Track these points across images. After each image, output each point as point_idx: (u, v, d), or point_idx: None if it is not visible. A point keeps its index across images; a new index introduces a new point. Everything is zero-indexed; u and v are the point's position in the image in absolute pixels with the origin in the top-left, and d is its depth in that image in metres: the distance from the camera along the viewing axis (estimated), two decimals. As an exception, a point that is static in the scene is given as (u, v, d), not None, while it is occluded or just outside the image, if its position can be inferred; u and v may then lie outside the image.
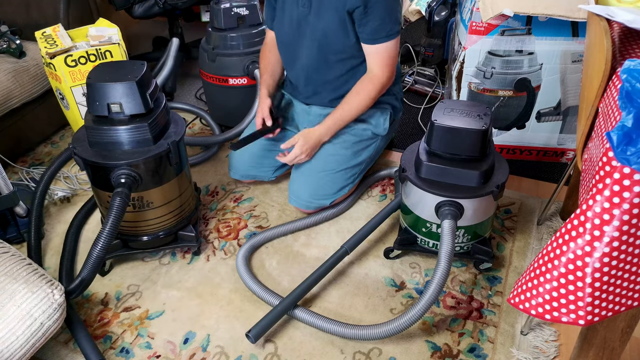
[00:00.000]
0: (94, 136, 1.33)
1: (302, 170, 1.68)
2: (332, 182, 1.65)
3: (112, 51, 1.84)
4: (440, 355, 1.28)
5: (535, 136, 1.87)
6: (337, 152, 1.66)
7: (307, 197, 1.64)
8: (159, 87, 1.44)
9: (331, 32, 1.54)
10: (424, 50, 2.42)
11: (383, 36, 1.51)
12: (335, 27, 1.52)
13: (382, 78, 1.57)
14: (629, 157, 0.72)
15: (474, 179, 1.32)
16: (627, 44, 0.95)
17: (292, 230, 1.64)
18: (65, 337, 1.35)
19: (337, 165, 1.65)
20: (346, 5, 1.47)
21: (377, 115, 1.72)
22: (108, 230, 1.24)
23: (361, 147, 1.70)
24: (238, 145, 1.64)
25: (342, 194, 1.69)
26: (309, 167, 1.66)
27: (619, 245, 0.78)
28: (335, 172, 1.65)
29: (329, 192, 1.65)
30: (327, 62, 1.61)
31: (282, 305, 1.33)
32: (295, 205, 1.69)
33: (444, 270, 1.23)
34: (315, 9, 1.53)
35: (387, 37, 1.51)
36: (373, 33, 1.50)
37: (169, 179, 1.42)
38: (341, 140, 1.67)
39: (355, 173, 1.71)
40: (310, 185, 1.64)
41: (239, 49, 1.97)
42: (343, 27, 1.52)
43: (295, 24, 1.60)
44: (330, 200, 1.66)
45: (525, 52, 1.69)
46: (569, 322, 0.86)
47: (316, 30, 1.55)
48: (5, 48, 2.00)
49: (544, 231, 1.62)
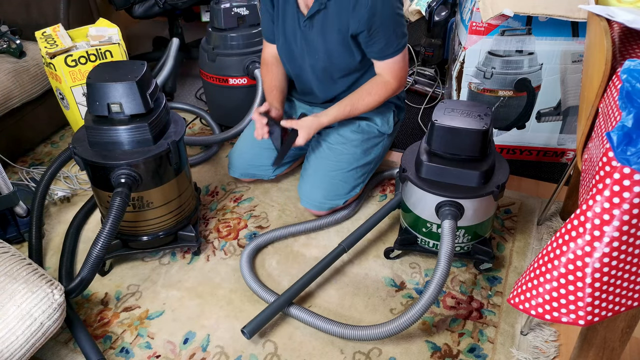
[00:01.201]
0: (94, 136, 1.33)
1: (314, 171, 1.67)
2: (344, 182, 1.65)
3: (112, 51, 1.84)
4: (440, 355, 1.28)
5: (536, 136, 1.87)
6: (348, 150, 1.66)
7: (320, 198, 1.64)
8: (159, 87, 1.44)
9: (335, 52, 1.53)
10: (424, 50, 2.41)
11: (391, 53, 1.51)
12: (340, 48, 1.52)
13: (394, 85, 1.57)
14: (629, 157, 0.72)
15: (474, 179, 1.32)
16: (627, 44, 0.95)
17: (301, 231, 1.63)
18: (65, 337, 1.35)
19: (348, 165, 1.65)
20: (349, 30, 1.47)
21: (382, 114, 1.72)
22: (108, 230, 1.24)
23: (370, 145, 1.71)
24: (278, 161, 1.62)
25: (354, 194, 1.68)
26: (321, 168, 1.66)
27: (619, 246, 0.78)
28: (347, 171, 1.65)
29: (342, 192, 1.65)
30: (332, 79, 1.62)
31: (277, 302, 1.34)
32: (307, 207, 1.68)
33: (444, 270, 1.22)
34: (317, 28, 1.52)
35: (394, 52, 1.51)
36: (380, 52, 1.50)
37: (168, 179, 1.42)
38: (350, 139, 1.68)
39: (366, 172, 1.71)
40: (323, 185, 1.64)
41: (239, 49, 1.97)
42: (347, 48, 1.52)
43: (297, 42, 1.58)
44: (343, 200, 1.65)
45: (526, 52, 1.69)
46: (569, 322, 0.86)
47: (319, 50, 1.55)
48: (6, 48, 2.00)
49: (544, 231, 1.62)
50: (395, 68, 1.54)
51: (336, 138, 1.69)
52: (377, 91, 1.56)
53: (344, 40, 1.50)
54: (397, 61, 1.53)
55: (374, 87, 1.57)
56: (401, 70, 1.56)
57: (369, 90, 1.57)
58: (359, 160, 1.67)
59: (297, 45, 1.59)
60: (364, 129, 1.70)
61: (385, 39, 1.47)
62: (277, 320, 1.37)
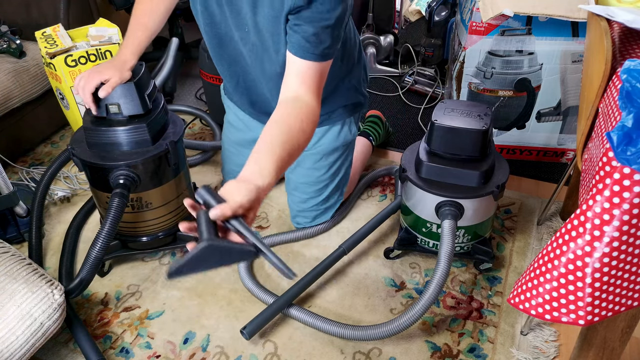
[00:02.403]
0: (93, 137, 1.33)
1: (292, 200, 1.62)
2: (324, 203, 1.61)
3: (112, 51, 1.84)
4: (440, 355, 1.28)
5: (536, 136, 1.87)
6: (313, 175, 1.55)
7: (306, 223, 1.63)
8: (157, 87, 1.44)
9: (265, 31, 1.20)
10: (424, 50, 2.41)
11: (318, 52, 1.11)
12: (270, 27, 1.19)
13: (316, 106, 1.11)
14: (629, 157, 0.72)
15: (474, 179, 1.31)
16: (627, 44, 0.95)
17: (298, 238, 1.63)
18: (65, 337, 1.35)
19: (322, 191, 1.58)
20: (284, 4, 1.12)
21: (338, 127, 1.51)
22: (106, 231, 1.24)
23: (334, 159, 1.55)
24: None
25: (339, 203, 1.66)
26: (298, 198, 1.60)
27: (619, 246, 0.78)
28: (324, 196, 1.59)
29: (325, 213, 1.63)
30: (264, 66, 1.32)
31: (277, 303, 1.34)
32: (298, 227, 1.65)
33: (444, 270, 1.22)
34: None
35: (321, 55, 1.11)
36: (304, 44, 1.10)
37: (167, 179, 1.41)
38: (310, 163, 1.54)
39: (341, 183, 1.62)
40: (304, 214, 1.61)
41: (239, 49, 1.97)
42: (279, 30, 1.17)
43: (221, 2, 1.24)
44: (329, 214, 1.64)
45: (526, 52, 1.69)
46: (569, 322, 0.86)
47: (247, 22, 1.23)
48: (5, 48, 2.00)
49: (544, 231, 1.62)
50: (315, 78, 1.10)
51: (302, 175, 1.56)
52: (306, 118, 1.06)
53: (276, 18, 1.14)
54: (318, 70, 1.10)
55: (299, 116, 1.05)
56: (318, 86, 1.11)
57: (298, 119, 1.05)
58: (333, 180, 1.58)
59: (221, 8, 1.22)
60: (322, 150, 1.52)
61: (319, 28, 1.07)
62: (277, 320, 1.37)
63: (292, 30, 1.10)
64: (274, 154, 0.95)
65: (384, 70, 2.56)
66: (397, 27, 2.85)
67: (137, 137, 1.32)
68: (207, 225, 0.79)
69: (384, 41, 2.56)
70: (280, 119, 1.03)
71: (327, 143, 1.51)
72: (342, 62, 1.41)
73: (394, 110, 2.30)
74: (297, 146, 1.02)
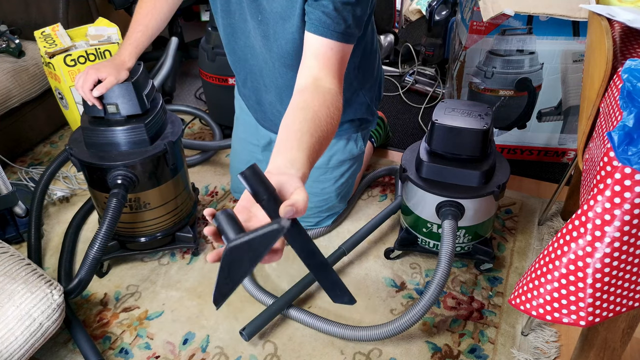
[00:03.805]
0: (91, 137, 1.32)
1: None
2: (327, 212, 1.60)
3: (111, 51, 1.84)
4: (440, 356, 1.28)
5: (536, 136, 1.87)
6: (318, 187, 1.53)
7: (307, 226, 1.60)
8: (156, 87, 1.44)
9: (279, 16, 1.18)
10: (425, 49, 2.41)
11: (338, 31, 1.03)
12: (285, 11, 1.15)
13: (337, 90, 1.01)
14: (630, 157, 0.71)
15: (474, 179, 1.31)
16: (628, 44, 0.94)
17: None
18: (64, 337, 1.35)
19: (326, 202, 1.57)
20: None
21: (344, 142, 1.50)
22: (104, 231, 1.24)
23: (340, 172, 1.54)
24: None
25: (341, 211, 1.66)
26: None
27: (620, 246, 0.77)
28: (327, 206, 1.58)
29: (327, 220, 1.62)
30: (273, 61, 1.29)
31: (276, 304, 1.33)
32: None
33: (445, 270, 1.22)
34: None
35: (342, 34, 1.04)
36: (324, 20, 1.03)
37: (165, 179, 1.41)
38: (315, 175, 1.52)
39: (346, 194, 1.62)
40: (307, 219, 1.59)
41: (238, 49, 1.97)
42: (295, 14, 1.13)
43: None
44: (331, 220, 1.63)
45: (526, 52, 1.69)
46: (570, 322, 0.86)
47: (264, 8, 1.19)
48: (5, 48, 2.00)
49: (545, 231, 1.62)
50: (336, 61, 1.00)
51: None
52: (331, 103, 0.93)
53: (292, 4, 1.09)
54: (339, 52, 1.01)
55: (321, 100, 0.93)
56: (340, 71, 1.00)
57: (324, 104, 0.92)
58: (336, 193, 1.57)
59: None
60: (328, 164, 1.50)
61: (339, 3, 1.00)
62: (277, 320, 1.36)
63: (311, 7, 1.02)
64: (303, 142, 0.80)
65: (384, 69, 2.56)
66: (398, 27, 2.85)
67: (135, 137, 1.32)
68: (228, 226, 0.70)
69: (384, 40, 2.56)
70: (306, 105, 0.89)
71: (334, 156, 1.50)
72: (358, 71, 1.38)
73: (394, 109, 2.30)
74: (326, 135, 0.87)
